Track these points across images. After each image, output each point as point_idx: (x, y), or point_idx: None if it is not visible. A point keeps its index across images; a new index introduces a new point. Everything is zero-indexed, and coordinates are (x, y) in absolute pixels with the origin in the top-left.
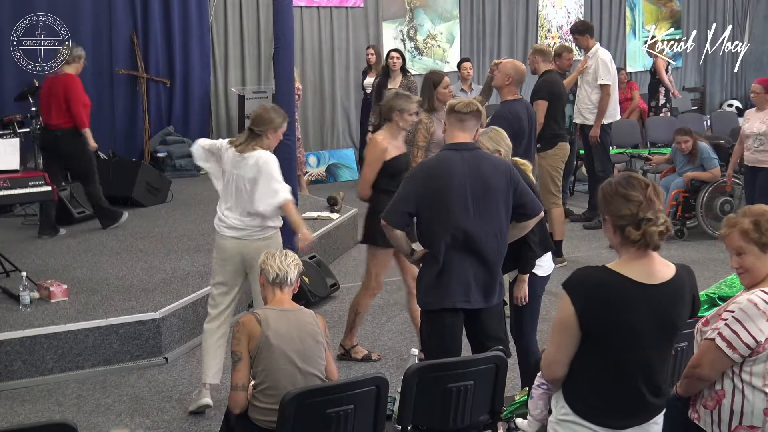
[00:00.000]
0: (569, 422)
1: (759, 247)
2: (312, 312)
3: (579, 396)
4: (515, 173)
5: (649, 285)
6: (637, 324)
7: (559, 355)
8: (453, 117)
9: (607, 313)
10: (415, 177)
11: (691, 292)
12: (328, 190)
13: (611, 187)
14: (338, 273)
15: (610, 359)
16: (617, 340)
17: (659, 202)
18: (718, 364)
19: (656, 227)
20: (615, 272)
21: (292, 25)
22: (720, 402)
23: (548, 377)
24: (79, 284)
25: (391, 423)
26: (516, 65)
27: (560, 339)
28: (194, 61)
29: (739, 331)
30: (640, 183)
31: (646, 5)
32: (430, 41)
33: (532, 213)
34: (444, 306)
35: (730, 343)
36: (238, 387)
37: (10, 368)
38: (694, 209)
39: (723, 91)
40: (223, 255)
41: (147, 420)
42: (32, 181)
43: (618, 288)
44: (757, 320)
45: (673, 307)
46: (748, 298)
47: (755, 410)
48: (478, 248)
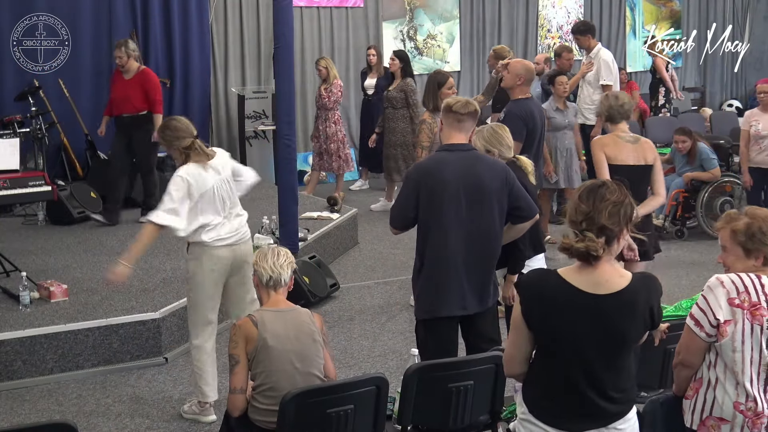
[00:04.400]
0: (527, 422)
1: (743, 250)
2: (308, 311)
3: (533, 397)
4: (511, 175)
5: (592, 294)
6: (577, 332)
7: (514, 352)
8: (451, 117)
9: (545, 316)
10: (411, 178)
11: (647, 304)
12: (328, 190)
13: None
14: (338, 273)
15: (556, 364)
16: (560, 345)
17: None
18: (692, 345)
19: (577, 244)
20: (561, 278)
21: (292, 25)
22: (698, 391)
23: (507, 373)
24: (79, 284)
25: (391, 423)
26: (526, 65)
27: (513, 336)
28: (194, 61)
29: (704, 307)
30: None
31: (646, 5)
32: (430, 41)
33: (527, 215)
34: (440, 315)
35: (697, 321)
36: (237, 390)
37: (10, 368)
38: (694, 209)
39: (723, 91)
40: (214, 266)
41: (147, 420)
42: (32, 181)
43: (558, 293)
44: (719, 297)
45: (621, 319)
46: (716, 276)
47: (725, 403)
48: (471, 249)
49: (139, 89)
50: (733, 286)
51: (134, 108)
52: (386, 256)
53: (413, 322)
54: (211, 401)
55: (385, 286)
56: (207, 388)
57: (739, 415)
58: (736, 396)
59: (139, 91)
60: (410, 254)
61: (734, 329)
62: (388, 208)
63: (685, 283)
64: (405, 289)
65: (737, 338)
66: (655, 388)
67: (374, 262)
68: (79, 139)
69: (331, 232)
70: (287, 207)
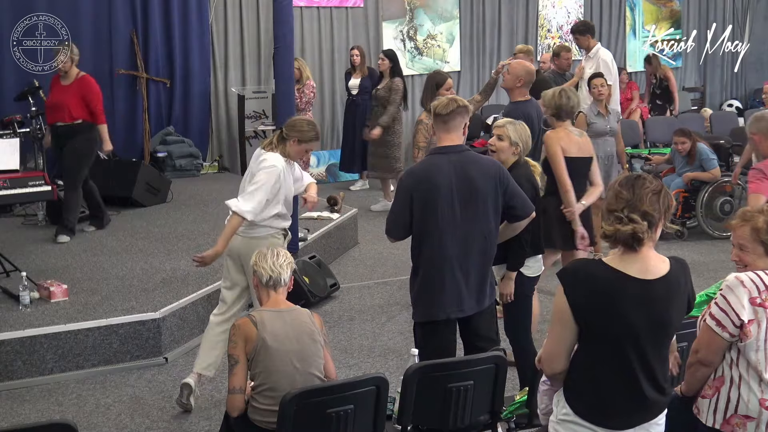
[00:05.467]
0: (569, 422)
1: (764, 248)
2: (308, 311)
3: (579, 395)
4: (505, 175)
5: (643, 280)
6: (631, 319)
7: (557, 348)
8: (437, 120)
9: (598, 305)
10: (404, 185)
11: (686, 287)
12: (328, 190)
13: (614, 182)
14: (338, 273)
15: (609, 356)
16: (614, 336)
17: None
18: (713, 345)
19: (624, 227)
20: (608, 266)
21: (292, 25)
22: (719, 390)
23: (548, 372)
24: (79, 284)
25: (391, 423)
26: (526, 67)
27: (557, 331)
28: (194, 61)
29: (725, 307)
30: (638, 183)
31: (646, 5)
32: (430, 41)
33: (522, 214)
34: (437, 318)
35: (719, 321)
36: (236, 390)
37: (10, 368)
38: (694, 209)
39: (723, 91)
40: (228, 252)
41: (147, 420)
42: (32, 181)
43: (610, 281)
44: (741, 296)
45: (669, 303)
46: (735, 275)
47: (751, 400)
48: (467, 251)
49: (77, 97)
50: (753, 285)
51: (70, 117)
52: (386, 256)
53: (409, 323)
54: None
55: (385, 286)
56: (199, 356)
57: (765, 411)
58: (761, 393)
59: (76, 98)
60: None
61: (758, 329)
62: (388, 208)
63: None
64: (405, 289)
65: (761, 337)
66: None
67: (374, 262)
68: None
69: (331, 232)
70: None
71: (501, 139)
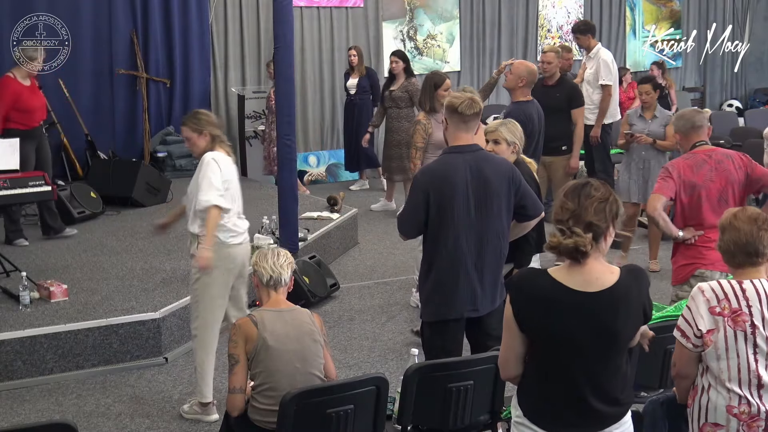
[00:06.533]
0: (521, 425)
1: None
2: (308, 311)
3: (528, 399)
4: (517, 174)
5: (582, 293)
6: (572, 331)
7: (508, 354)
8: (456, 118)
9: (539, 316)
10: (419, 183)
11: (639, 298)
12: (328, 190)
13: (561, 190)
14: (338, 273)
15: (552, 365)
16: (555, 346)
17: (598, 216)
18: (683, 356)
19: (566, 240)
20: (551, 277)
21: (292, 25)
22: (694, 399)
23: (503, 376)
24: (79, 284)
25: (391, 423)
26: (528, 67)
27: (506, 338)
28: (194, 61)
29: (688, 317)
30: (584, 192)
31: (646, 5)
32: (430, 41)
33: (533, 214)
34: (449, 318)
35: (683, 332)
36: (236, 390)
37: (10, 368)
38: None
39: (723, 91)
40: (230, 265)
41: (147, 420)
42: (32, 181)
43: (549, 292)
44: (700, 306)
45: (614, 315)
46: (698, 285)
47: (718, 407)
48: (482, 250)
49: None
50: (713, 294)
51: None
52: (386, 256)
53: (413, 322)
54: (211, 401)
55: (385, 286)
56: (206, 388)
57: (733, 419)
58: (728, 400)
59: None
60: (410, 254)
61: (717, 337)
62: (388, 208)
63: None
64: (405, 290)
65: (720, 346)
66: (655, 388)
67: (374, 262)
68: (79, 139)
69: (331, 232)
70: (287, 207)
71: (498, 142)
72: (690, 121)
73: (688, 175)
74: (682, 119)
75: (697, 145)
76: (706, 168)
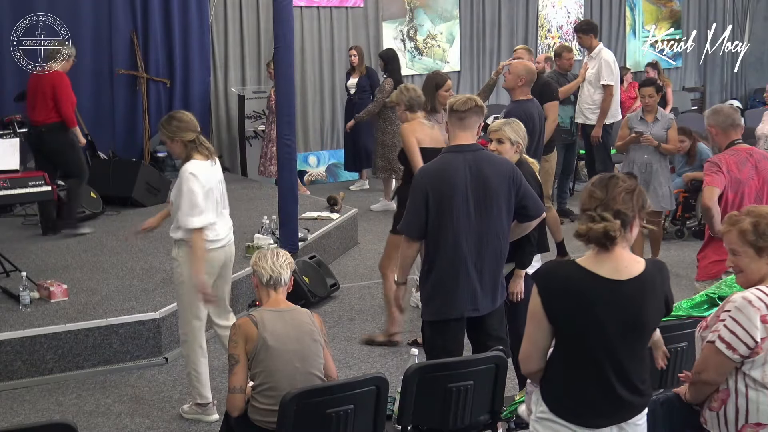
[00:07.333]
0: (546, 420)
1: (755, 249)
2: (308, 311)
3: (554, 393)
4: (518, 174)
5: (614, 281)
6: (602, 320)
7: (532, 348)
8: (453, 116)
9: (570, 306)
10: (419, 184)
11: (663, 288)
12: (328, 190)
13: (589, 182)
14: (338, 273)
15: (581, 356)
16: (585, 336)
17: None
18: (722, 367)
19: (596, 225)
20: (581, 267)
21: (292, 25)
22: (725, 402)
23: (524, 371)
24: (79, 284)
25: (391, 423)
26: (528, 66)
27: (531, 331)
28: (194, 61)
29: (737, 330)
30: (612, 183)
31: (646, 5)
32: (430, 41)
33: (534, 214)
34: (450, 317)
35: (729, 344)
36: (236, 390)
37: (10, 368)
38: (694, 209)
39: (723, 91)
40: (209, 269)
41: (147, 420)
42: (32, 181)
43: (581, 282)
44: (752, 317)
45: (642, 304)
46: (742, 296)
47: (760, 407)
48: (482, 250)
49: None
50: (762, 303)
51: None
52: None
53: (413, 322)
54: (211, 401)
55: None
56: (205, 389)
57: None
58: None
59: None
60: None
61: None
62: (388, 208)
63: (685, 284)
64: None
65: None
66: (655, 388)
67: (374, 262)
68: None
69: (331, 232)
70: (287, 207)
71: (501, 142)
72: (730, 118)
73: (734, 171)
74: (721, 115)
75: (735, 143)
76: (749, 166)
